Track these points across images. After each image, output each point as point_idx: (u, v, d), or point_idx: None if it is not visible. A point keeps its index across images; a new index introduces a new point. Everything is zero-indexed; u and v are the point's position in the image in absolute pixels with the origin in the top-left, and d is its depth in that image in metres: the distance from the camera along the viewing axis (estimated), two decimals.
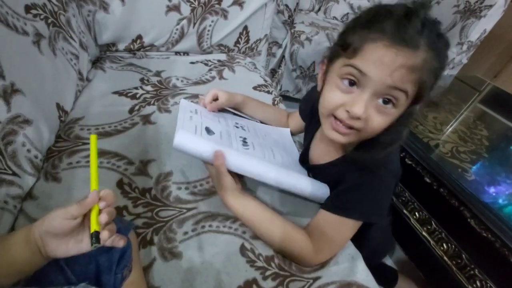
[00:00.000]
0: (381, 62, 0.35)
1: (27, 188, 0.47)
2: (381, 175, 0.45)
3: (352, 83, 0.38)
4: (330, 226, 0.46)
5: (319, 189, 0.51)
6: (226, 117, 0.64)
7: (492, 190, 0.75)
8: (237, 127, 0.61)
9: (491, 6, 1.49)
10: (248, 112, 0.70)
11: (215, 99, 0.63)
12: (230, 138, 0.54)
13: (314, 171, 0.57)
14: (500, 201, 0.72)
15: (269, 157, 0.54)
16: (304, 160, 0.59)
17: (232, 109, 0.68)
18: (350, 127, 0.40)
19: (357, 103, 0.38)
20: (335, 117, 0.41)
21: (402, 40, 0.35)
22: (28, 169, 0.48)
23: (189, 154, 0.47)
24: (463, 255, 0.74)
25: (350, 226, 0.46)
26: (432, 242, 0.81)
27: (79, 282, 0.31)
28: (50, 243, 0.28)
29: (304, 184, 0.51)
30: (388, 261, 0.95)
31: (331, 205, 0.47)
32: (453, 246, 0.76)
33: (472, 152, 0.85)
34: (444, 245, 0.78)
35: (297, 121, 0.69)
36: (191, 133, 0.48)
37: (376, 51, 0.36)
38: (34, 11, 0.55)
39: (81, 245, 0.29)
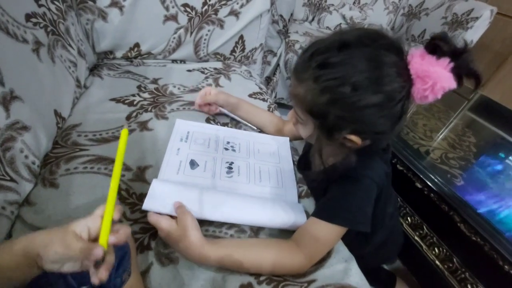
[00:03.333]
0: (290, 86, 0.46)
1: (24, 194, 0.48)
2: (365, 184, 0.47)
3: None
4: (317, 231, 0.47)
5: (294, 221, 0.51)
6: (219, 134, 0.67)
7: (480, 195, 0.77)
8: (226, 148, 0.64)
9: (477, 18, 1.56)
10: (242, 115, 0.72)
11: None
12: (215, 166, 0.59)
13: (309, 177, 0.59)
14: (488, 205, 0.74)
15: (254, 181, 0.58)
16: (305, 164, 0.61)
17: (231, 114, 0.70)
18: None
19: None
20: None
21: (293, 71, 0.43)
22: (25, 175, 0.48)
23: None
24: (454, 259, 0.76)
25: (335, 231, 0.47)
26: (424, 246, 0.83)
27: (79, 286, 0.31)
28: (49, 265, 0.28)
29: (277, 222, 0.51)
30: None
31: (318, 211, 0.49)
32: (445, 250, 0.78)
33: (461, 158, 0.88)
34: (436, 249, 0.80)
35: (293, 128, 0.70)
36: (157, 200, 0.47)
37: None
38: (34, 20, 0.56)
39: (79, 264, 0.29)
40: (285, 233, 0.51)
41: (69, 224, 0.30)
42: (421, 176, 0.80)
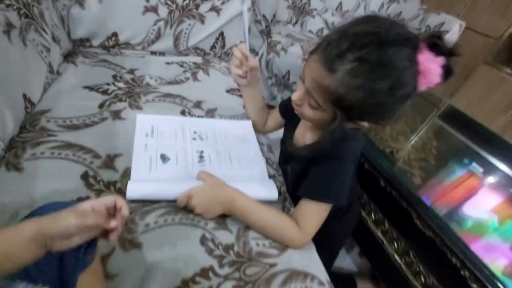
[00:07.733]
0: (309, 70, 0.44)
1: None
2: (345, 165, 0.52)
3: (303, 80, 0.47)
4: (309, 210, 0.53)
5: (266, 194, 0.58)
6: (185, 125, 0.68)
7: (436, 193, 0.84)
8: (194, 138, 0.65)
9: (447, 31, 1.66)
10: (249, 93, 0.73)
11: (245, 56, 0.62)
12: (186, 157, 0.60)
13: (292, 155, 0.61)
14: (442, 203, 0.80)
15: (226, 166, 0.62)
16: (287, 144, 0.64)
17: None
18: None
19: (295, 92, 0.48)
20: None
21: (323, 61, 0.41)
22: None
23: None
24: (411, 253, 0.81)
25: (323, 207, 0.53)
26: (385, 242, 0.88)
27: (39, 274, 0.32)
28: (59, 243, 0.30)
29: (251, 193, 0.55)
30: (347, 260, 1.02)
31: (307, 191, 0.54)
32: (403, 244, 0.84)
33: (422, 159, 0.94)
34: (395, 243, 0.85)
35: (275, 118, 0.74)
36: (141, 183, 0.52)
37: (310, 61, 0.44)
38: (7, 1, 0.56)
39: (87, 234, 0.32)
40: None
41: (74, 206, 0.34)
42: (384, 175, 0.85)
